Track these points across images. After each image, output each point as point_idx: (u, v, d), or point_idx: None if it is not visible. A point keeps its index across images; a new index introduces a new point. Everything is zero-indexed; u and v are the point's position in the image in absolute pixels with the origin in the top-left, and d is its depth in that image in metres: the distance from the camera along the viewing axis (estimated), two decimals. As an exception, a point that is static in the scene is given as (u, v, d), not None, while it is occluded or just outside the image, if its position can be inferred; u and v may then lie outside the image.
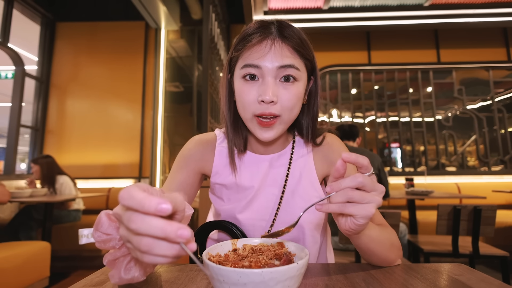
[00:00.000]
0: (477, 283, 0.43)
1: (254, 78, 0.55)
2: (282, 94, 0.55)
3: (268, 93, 0.53)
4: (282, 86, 0.55)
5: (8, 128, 3.28)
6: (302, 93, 0.58)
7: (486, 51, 3.85)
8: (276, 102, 0.54)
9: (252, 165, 0.65)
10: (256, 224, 0.62)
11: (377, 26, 3.56)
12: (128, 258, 0.40)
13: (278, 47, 0.54)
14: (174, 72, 3.91)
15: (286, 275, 0.34)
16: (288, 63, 0.54)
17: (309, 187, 0.63)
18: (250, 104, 0.55)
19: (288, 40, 0.55)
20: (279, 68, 0.54)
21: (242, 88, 0.56)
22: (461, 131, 3.81)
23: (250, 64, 0.55)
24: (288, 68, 0.54)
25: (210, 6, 2.66)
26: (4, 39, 3.22)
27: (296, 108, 0.57)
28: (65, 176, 2.79)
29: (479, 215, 1.59)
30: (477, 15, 3.38)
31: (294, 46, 0.55)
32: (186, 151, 0.67)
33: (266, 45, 0.54)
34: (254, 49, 0.55)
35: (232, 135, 0.64)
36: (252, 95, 0.55)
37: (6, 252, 1.75)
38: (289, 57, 0.54)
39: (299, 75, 0.56)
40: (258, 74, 0.55)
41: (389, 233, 0.55)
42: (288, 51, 0.55)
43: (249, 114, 0.56)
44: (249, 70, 0.55)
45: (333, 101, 3.95)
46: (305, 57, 0.57)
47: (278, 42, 0.55)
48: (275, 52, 0.54)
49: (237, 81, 0.58)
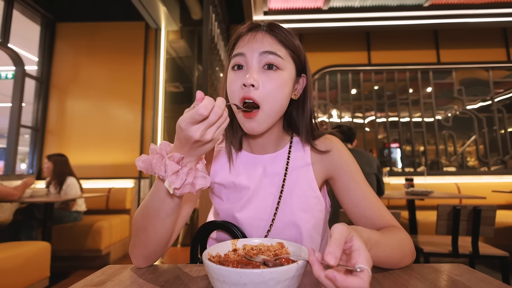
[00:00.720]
0: (477, 283, 0.43)
1: (241, 68, 0.58)
2: (263, 81, 0.56)
3: (250, 77, 0.55)
4: (264, 73, 0.57)
5: (8, 128, 3.28)
6: (286, 83, 0.58)
7: (486, 51, 3.85)
8: (257, 88, 0.55)
9: (249, 165, 0.66)
10: (254, 223, 0.62)
11: (377, 27, 3.56)
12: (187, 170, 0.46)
13: (261, 36, 0.58)
14: (174, 72, 3.91)
15: (286, 275, 0.34)
16: (269, 49, 0.56)
17: (307, 187, 0.63)
18: (235, 91, 0.57)
19: (273, 32, 0.58)
20: (261, 54, 0.56)
21: (230, 78, 0.59)
22: (461, 131, 3.81)
23: (236, 53, 0.58)
24: (269, 55, 0.56)
25: (210, 6, 2.67)
26: (4, 39, 3.22)
27: (278, 98, 0.57)
28: (73, 178, 2.82)
29: (478, 215, 1.59)
30: (477, 15, 3.38)
31: (278, 38, 0.58)
32: None
33: (251, 35, 0.58)
34: (241, 39, 0.59)
35: (229, 134, 0.66)
36: (237, 82, 0.57)
37: (6, 252, 1.76)
38: (271, 45, 0.57)
39: (283, 64, 0.57)
40: (243, 62, 0.58)
41: (399, 243, 0.51)
42: (272, 40, 0.58)
43: (236, 102, 0.58)
44: (236, 59, 0.58)
45: (333, 101, 3.95)
46: (291, 49, 0.59)
47: (262, 32, 0.58)
48: (257, 40, 0.57)
49: (228, 74, 0.61)
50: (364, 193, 0.61)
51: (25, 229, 2.43)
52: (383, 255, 0.47)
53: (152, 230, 0.53)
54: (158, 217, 0.52)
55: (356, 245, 0.34)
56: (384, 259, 0.48)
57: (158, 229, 0.53)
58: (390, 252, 0.48)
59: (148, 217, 0.52)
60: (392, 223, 0.59)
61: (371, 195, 0.61)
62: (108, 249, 2.78)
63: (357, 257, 0.33)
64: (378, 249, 0.45)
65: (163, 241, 0.55)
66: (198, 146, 0.45)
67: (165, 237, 0.55)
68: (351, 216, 0.63)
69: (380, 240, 0.45)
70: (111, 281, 0.47)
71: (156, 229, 0.53)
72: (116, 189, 3.38)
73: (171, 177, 0.44)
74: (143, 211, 0.52)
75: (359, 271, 0.32)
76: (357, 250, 0.34)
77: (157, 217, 0.52)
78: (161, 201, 0.50)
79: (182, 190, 0.46)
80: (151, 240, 0.53)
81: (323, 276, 0.32)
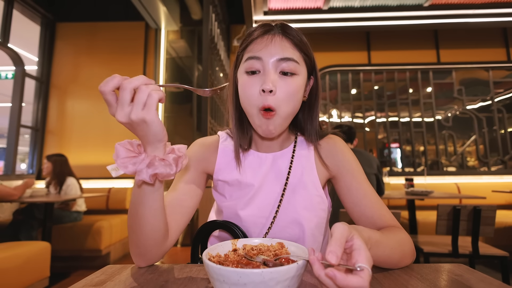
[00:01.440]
0: (477, 283, 0.43)
1: (256, 73, 0.58)
2: (280, 86, 0.56)
3: (268, 82, 0.55)
4: (281, 78, 0.57)
5: (8, 128, 3.28)
6: (301, 87, 0.59)
7: (486, 51, 3.85)
8: (274, 93, 0.56)
9: (254, 163, 0.67)
10: (257, 221, 0.62)
11: (377, 26, 3.56)
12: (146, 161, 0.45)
13: (279, 40, 0.57)
14: (174, 72, 3.92)
15: (286, 275, 0.34)
16: (288, 55, 0.57)
17: (310, 185, 0.64)
18: (253, 95, 0.57)
19: (288, 36, 0.58)
20: (279, 60, 0.56)
21: (246, 81, 0.58)
22: (461, 131, 3.81)
23: (252, 56, 0.57)
24: (287, 61, 0.56)
25: (210, 6, 2.67)
26: (4, 39, 3.22)
27: (293, 101, 0.58)
28: (73, 178, 2.82)
29: (478, 215, 1.59)
30: (477, 15, 3.39)
31: (294, 41, 0.58)
32: (189, 153, 0.68)
33: (267, 38, 0.58)
34: (257, 41, 0.58)
35: (237, 132, 0.66)
36: (255, 87, 0.57)
37: (6, 252, 1.76)
38: (289, 50, 0.57)
39: (298, 69, 0.58)
40: (259, 66, 0.57)
41: (399, 243, 0.51)
42: (289, 44, 0.58)
43: (253, 108, 0.58)
44: (252, 62, 0.57)
45: (333, 101, 3.95)
46: (304, 52, 0.60)
47: (279, 36, 0.58)
48: (275, 45, 0.57)
49: (240, 76, 0.60)
50: (366, 192, 0.62)
51: (25, 229, 2.43)
52: (383, 254, 0.47)
53: (135, 226, 0.52)
54: (139, 212, 0.51)
55: (357, 244, 0.34)
56: (384, 259, 0.48)
57: (142, 224, 0.51)
58: (390, 252, 0.48)
59: (132, 214, 0.52)
60: (392, 223, 0.60)
61: (372, 195, 0.62)
62: (108, 249, 2.78)
63: (358, 256, 0.33)
64: (378, 248, 0.45)
65: (153, 238, 0.53)
66: (137, 130, 0.43)
67: (153, 232, 0.52)
68: (352, 215, 0.63)
69: (380, 239, 0.45)
70: (111, 281, 0.47)
71: (141, 225, 0.51)
72: (116, 189, 3.38)
73: (120, 160, 0.43)
74: (130, 208, 0.53)
75: (359, 270, 0.32)
76: (357, 249, 0.34)
77: (139, 212, 0.51)
78: (138, 195, 0.49)
79: (139, 177, 0.44)
80: (139, 237, 0.52)
81: (323, 275, 0.31)
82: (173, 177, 0.47)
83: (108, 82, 0.40)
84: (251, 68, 0.58)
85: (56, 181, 2.73)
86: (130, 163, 0.44)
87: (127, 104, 0.40)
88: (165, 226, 0.54)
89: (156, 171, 0.44)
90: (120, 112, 0.41)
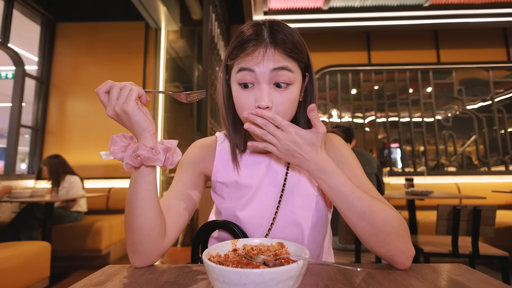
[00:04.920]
0: (477, 283, 0.43)
1: (248, 86, 0.56)
2: (276, 100, 0.56)
3: (264, 99, 0.54)
4: (276, 91, 0.56)
5: (8, 128, 3.29)
6: (297, 95, 0.58)
7: (486, 51, 3.85)
8: (271, 108, 0.55)
9: (252, 164, 0.66)
10: (256, 222, 0.62)
11: (377, 26, 3.56)
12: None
13: (271, 54, 0.55)
14: (174, 72, 3.92)
15: (286, 275, 0.34)
16: (280, 65, 0.55)
17: (308, 186, 0.64)
18: (248, 108, 0.56)
19: (280, 46, 0.56)
20: (272, 70, 0.55)
21: (240, 94, 0.58)
22: (461, 131, 3.81)
23: (245, 68, 0.56)
24: (281, 71, 0.55)
25: (210, 6, 2.67)
26: (4, 39, 3.22)
27: (290, 111, 0.58)
28: (75, 176, 2.81)
29: (479, 215, 1.59)
30: (477, 15, 3.39)
31: (286, 51, 0.56)
32: (187, 155, 0.69)
33: (259, 53, 0.55)
34: (248, 58, 0.56)
35: (233, 135, 0.66)
36: (249, 101, 0.56)
37: (6, 252, 1.76)
38: (282, 62, 0.55)
39: (293, 78, 0.56)
40: (253, 79, 0.56)
41: (384, 210, 0.51)
42: (281, 56, 0.55)
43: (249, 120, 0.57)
44: (244, 74, 0.56)
45: (333, 101, 3.95)
46: (298, 60, 0.58)
47: (271, 49, 0.55)
48: (268, 59, 0.55)
49: (234, 85, 0.59)
50: (362, 184, 0.60)
51: (25, 229, 2.43)
52: (359, 204, 0.50)
53: (130, 219, 0.53)
54: (133, 202, 0.52)
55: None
56: (362, 218, 0.50)
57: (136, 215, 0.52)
58: (366, 207, 0.50)
59: (127, 207, 0.53)
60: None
61: (368, 186, 0.60)
62: (108, 249, 2.79)
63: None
64: (352, 200, 0.51)
65: (147, 233, 0.52)
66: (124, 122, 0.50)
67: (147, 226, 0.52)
68: None
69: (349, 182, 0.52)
70: (111, 281, 0.47)
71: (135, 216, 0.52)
72: (116, 189, 3.38)
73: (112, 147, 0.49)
74: (126, 202, 0.54)
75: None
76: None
77: (132, 203, 0.52)
78: (131, 186, 0.52)
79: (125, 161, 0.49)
80: (134, 231, 0.52)
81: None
82: (159, 165, 0.49)
83: (102, 86, 0.49)
84: (244, 80, 0.56)
85: (53, 182, 2.73)
86: (119, 151, 0.49)
87: (114, 100, 0.48)
88: (160, 222, 0.54)
89: (138, 152, 0.48)
90: (109, 107, 0.49)
